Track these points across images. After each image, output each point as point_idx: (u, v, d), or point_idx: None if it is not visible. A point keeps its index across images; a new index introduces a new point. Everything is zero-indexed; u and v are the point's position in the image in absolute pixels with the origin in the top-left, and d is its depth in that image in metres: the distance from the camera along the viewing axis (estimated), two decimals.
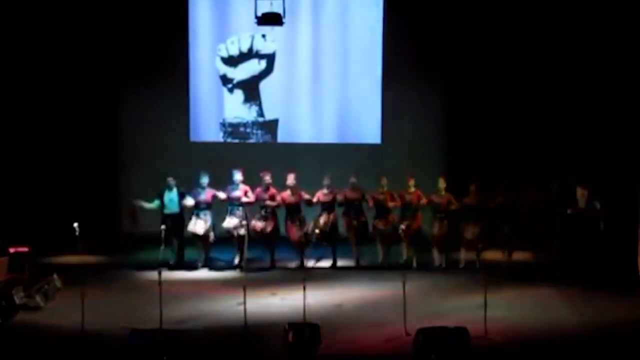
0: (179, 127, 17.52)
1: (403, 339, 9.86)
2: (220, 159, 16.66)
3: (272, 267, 14.36)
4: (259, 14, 14.31)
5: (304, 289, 10.06)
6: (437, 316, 10.70)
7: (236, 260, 14.38)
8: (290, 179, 14.47)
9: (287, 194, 14.49)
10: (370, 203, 14.46)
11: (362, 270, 14.25)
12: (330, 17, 17.47)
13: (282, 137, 17.78)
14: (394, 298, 11.14)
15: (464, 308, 11.27)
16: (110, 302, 11.90)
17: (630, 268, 13.60)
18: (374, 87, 17.44)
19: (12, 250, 13.21)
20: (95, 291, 11.57)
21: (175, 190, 14.52)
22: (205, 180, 14.46)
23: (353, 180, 14.56)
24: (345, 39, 17.49)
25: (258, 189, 14.50)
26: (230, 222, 14.31)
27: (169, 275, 13.52)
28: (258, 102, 17.79)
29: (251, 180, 14.69)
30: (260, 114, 17.79)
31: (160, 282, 10.33)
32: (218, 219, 14.53)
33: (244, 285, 10.33)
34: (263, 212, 14.44)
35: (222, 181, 14.75)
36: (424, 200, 14.42)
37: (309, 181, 14.84)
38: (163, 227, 12.83)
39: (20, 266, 13.05)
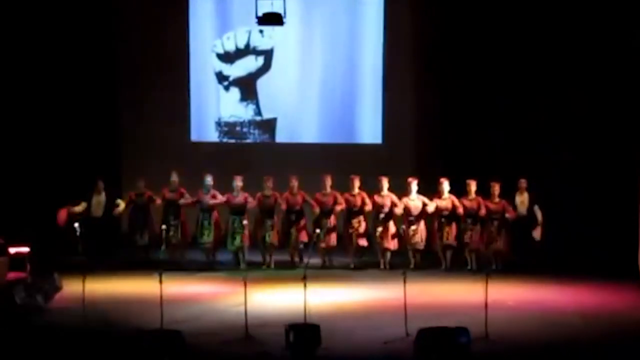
0: (179, 126, 17.42)
1: (404, 339, 9.85)
2: (216, 160, 16.55)
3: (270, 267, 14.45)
4: (260, 13, 14.28)
5: (305, 288, 10.05)
6: (438, 316, 10.69)
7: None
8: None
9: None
10: (315, 207, 14.37)
11: (360, 270, 14.27)
12: (330, 14, 17.25)
13: (281, 136, 17.51)
14: (395, 298, 11.13)
15: (465, 308, 11.27)
16: (111, 302, 11.89)
17: (630, 267, 13.62)
18: (375, 85, 17.31)
19: (12, 250, 13.20)
20: (96, 291, 11.56)
21: (103, 194, 14.61)
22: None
23: (293, 183, 14.49)
24: (346, 36, 17.30)
25: (200, 192, 14.50)
26: None
27: (169, 275, 13.52)
28: (255, 101, 17.48)
29: (250, 181, 14.65)
30: (258, 112, 17.50)
31: (160, 282, 10.33)
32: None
33: (244, 285, 10.33)
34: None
35: (218, 182, 14.74)
36: (368, 207, 14.33)
37: (309, 182, 14.79)
38: (164, 226, 12.85)
39: (21, 266, 13.04)
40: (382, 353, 9.62)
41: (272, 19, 14.18)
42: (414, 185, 14.37)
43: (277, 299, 12.14)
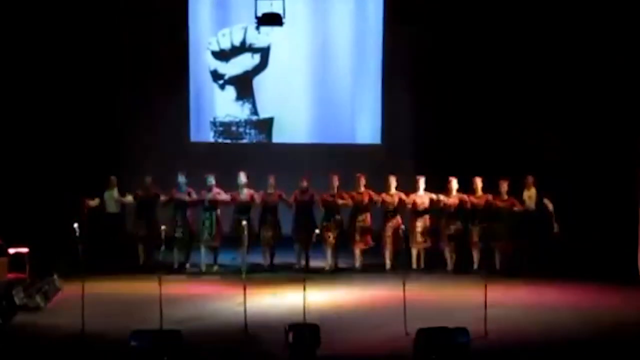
0: (179, 126, 17.35)
1: (403, 339, 9.86)
2: (212, 160, 16.47)
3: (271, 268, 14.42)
4: (259, 14, 14.27)
5: (304, 289, 10.06)
6: (437, 316, 10.70)
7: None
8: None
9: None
10: (320, 205, 14.34)
11: (361, 271, 14.28)
12: (328, 11, 17.15)
13: (277, 136, 17.37)
14: (394, 298, 11.14)
15: (464, 308, 11.28)
16: (111, 302, 11.90)
17: (630, 266, 13.63)
18: (374, 85, 17.24)
19: (12, 250, 13.21)
20: (96, 291, 11.57)
21: (116, 189, 14.62)
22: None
23: (303, 183, 14.41)
24: (344, 34, 17.20)
25: (202, 191, 14.41)
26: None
27: (169, 275, 13.53)
28: (251, 100, 17.32)
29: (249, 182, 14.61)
30: (254, 112, 17.35)
31: (160, 282, 10.34)
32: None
33: (244, 286, 10.34)
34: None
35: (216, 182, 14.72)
36: (376, 197, 14.31)
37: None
38: (163, 227, 12.82)
39: (21, 266, 13.05)
40: (382, 353, 9.63)
41: (272, 19, 14.18)
42: (422, 183, 14.39)
43: (277, 299, 12.14)
